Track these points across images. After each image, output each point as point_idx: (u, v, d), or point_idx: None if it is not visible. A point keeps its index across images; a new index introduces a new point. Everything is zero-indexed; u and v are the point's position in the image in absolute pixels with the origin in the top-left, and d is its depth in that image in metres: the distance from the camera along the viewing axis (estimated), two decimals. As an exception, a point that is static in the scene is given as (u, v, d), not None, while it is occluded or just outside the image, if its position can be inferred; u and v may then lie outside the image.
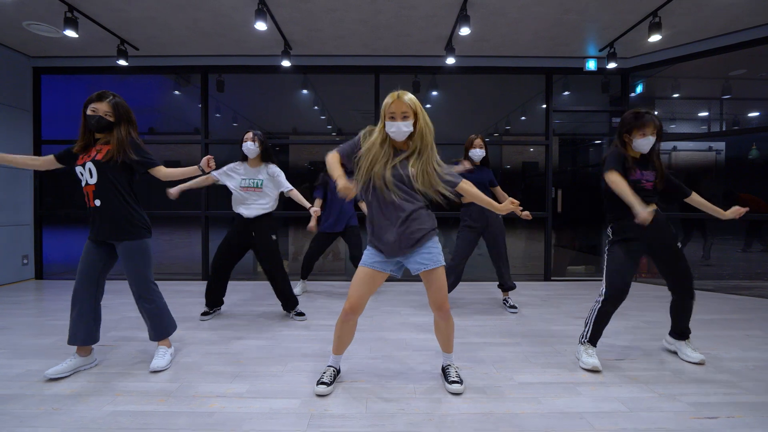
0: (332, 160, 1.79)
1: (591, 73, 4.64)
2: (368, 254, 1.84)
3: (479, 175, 3.19)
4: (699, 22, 3.69)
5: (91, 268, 2.05)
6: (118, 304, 3.41)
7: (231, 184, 2.91)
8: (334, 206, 3.65)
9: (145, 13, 3.54)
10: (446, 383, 1.91)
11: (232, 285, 3.79)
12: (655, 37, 3.50)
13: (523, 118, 5.46)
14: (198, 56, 4.56)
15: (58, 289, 4.13)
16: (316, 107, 5.40)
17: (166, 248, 5.23)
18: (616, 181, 2.02)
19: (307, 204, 2.98)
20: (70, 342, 2.04)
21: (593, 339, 2.17)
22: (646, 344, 2.52)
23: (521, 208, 1.90)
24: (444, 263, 1.82)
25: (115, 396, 1.82)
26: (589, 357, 2.12)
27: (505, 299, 3.40)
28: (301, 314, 3.06)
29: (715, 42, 4.06)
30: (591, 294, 3.92)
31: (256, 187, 2.90)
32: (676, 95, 5.29)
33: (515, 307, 3.31)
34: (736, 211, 2.16)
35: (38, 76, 4.68)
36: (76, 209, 4.81)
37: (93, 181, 2.00)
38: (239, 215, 2.91)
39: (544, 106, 4.76)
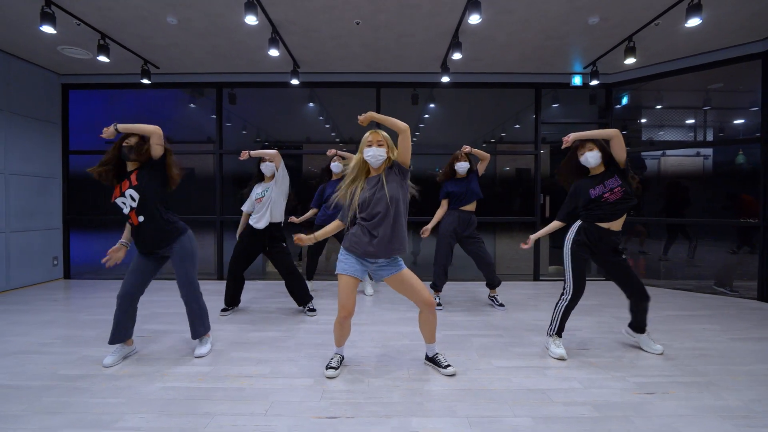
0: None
1: (577, 87, 5.00)
2: (348, 263, 2.13)
3: (467, 185, 3.57)
4: (670, 45, 4.05)
5: (141, 277, 2.42)
6: (147, 301, 3.81)
7: (248, 204, 3.37)
8: (327, 210, 3.95)
9: (170, 40, 3.94)
10: (441, 369, 2.27)
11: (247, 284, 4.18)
12: (630, 60, 3.85)
13: (517, 126, 5.82)
14: (213, 74, 4.95)
15: (86, 287, 4.54)
16: (321, 117, 5.79)
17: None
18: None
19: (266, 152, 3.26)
20: (113, 341, 2.38)
21: (560, 331, 2.54)
22: (612, 337, 2.89)
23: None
24: None
25: (163, 376, 2.21)
26: (557, 347, 2.50)
27: (492, 297, 3.77)
28: (313, 310, 3.45)
29: (692, 60, 4.39)
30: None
31: (261, 196, 3.30)
32: (659, 106, 5.64)
33: (503, 305, 3.67)
34: None
35: (66, 91, 5.09)
36: (99, 215, 5.22)
37: (134, 204, 2.31)
38: (251, 226, 3.31)
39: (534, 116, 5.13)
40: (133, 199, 2.32)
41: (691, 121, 5.90)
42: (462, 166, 3.57)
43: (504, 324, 3.20)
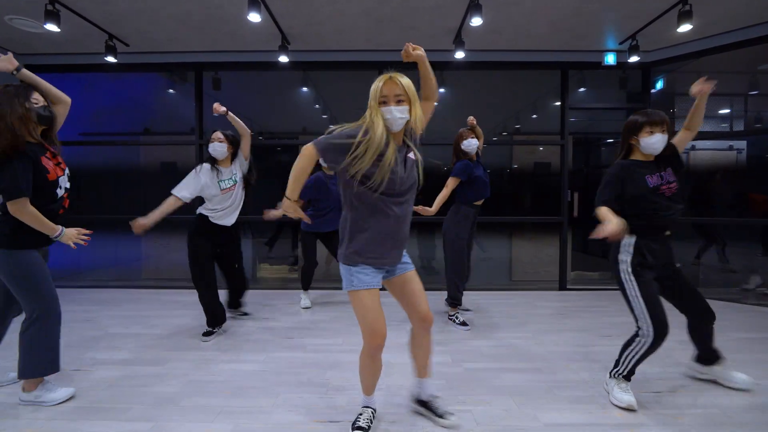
0: (305, 163, 1.45)
1: (609, 67, 4.34)
2: (368, 274, 1.50)
3: (481, 170, 2.94)
4: (731, 10, 3.38)
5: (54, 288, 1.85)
6: (101, 317, 3.19)
7: (211, 192, 2.65)
8: (322, 204, 3.39)
9: (132, 5, 3.30)
10: (436, 418, 1.68)
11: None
12: (684, 27, 3.19)
13: (534, 116, 5.17)
14: (191, 52, 4.32)
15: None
16: (317, 106, 5.15)
17: (162, 252, 5.03)
18: (599, 213, 1.77)
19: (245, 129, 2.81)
20: (54, 370, 1.86)
21: (629, 375, 1.89)
22: (684, 373, 2.23)
23: None
24: None
25: (78, 440, 1.58)
26: (623, 393, 1.85)
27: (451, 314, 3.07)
28: (246, 314, 3.24)
29: (745, 33, 3.75)
30: (611, 306, 3.61)
31: (234, 184, 2.74)
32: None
33: (465, 324, 2.96)
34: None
35: (27, 74, 4.47)
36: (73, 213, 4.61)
37: (68, 186, 1.93)
38: (210, 222, 2.69)
39: (558, 103, 4.47)
40: (68, 179, 1.93)
41: (726, 111, 5.28)
42: (471, 144, 2.89)
43: (536, 351, 2.54)
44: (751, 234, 4.51)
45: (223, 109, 2.75)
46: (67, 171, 1.91)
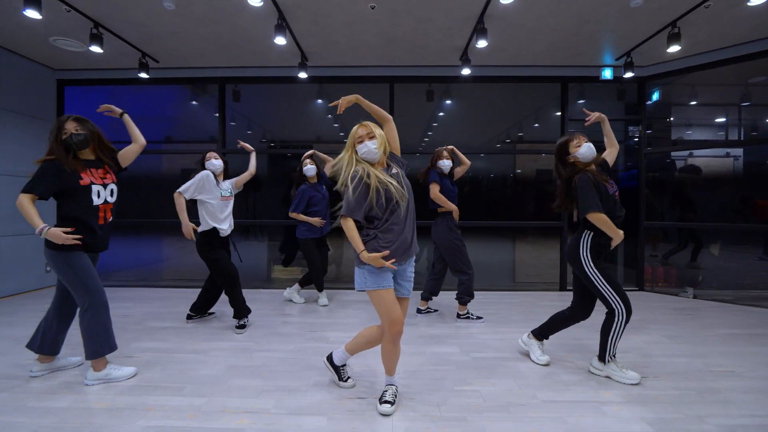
0: (351, 229, 1.78)
1: (607, 81, 4.62)
2: (379, 272, 1.78)
3: (448, 183, 3.28)
4: (718, 31, 3.66)
5: (100, 281, 2.17)
6: (137, 314, 3.49)
7: (208, 196, 2.97)
8: (314, 210, 3.69)
9: (168, 28, 3.63)
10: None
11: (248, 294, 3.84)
12: (674, 48, 3.47)
13: (536, 125, 5.44)
14: (216, 68, 4.64)
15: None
16: (330, 116, 5.45)
17: (182, 254, 5.34)
18: (602, 219, 2.09)
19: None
20: (111, 350, 2.16)
21: (615, 355, 2.18)
22: (670, 361, 2.50)
23: None
24: None
25: (147, 411, 1.86)
26: (628, 371, 2.17)
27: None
28: (211, 314, 3.39)
29: (735, 51, 4.01)
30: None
31: (231, 195, 3.13)
32: (693, 102, 5.23)
33: (480, 318, 3.35)
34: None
35: (62, 87, 4.81)
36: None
37: (113, 199, 2.23)
38: (217, 233, 3.01)
39: (559, 113, 4.75)
40: (111, 194, 2.22)
41: (722, 120, 5.50)
42: (445, 164, 3.25)
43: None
44: (752, 238, 4.73)
45: (251, 148, 3.41)
46: (111, 186, 2.20)
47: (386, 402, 1.86)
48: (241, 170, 3.36)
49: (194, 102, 5.32)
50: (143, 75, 4.18)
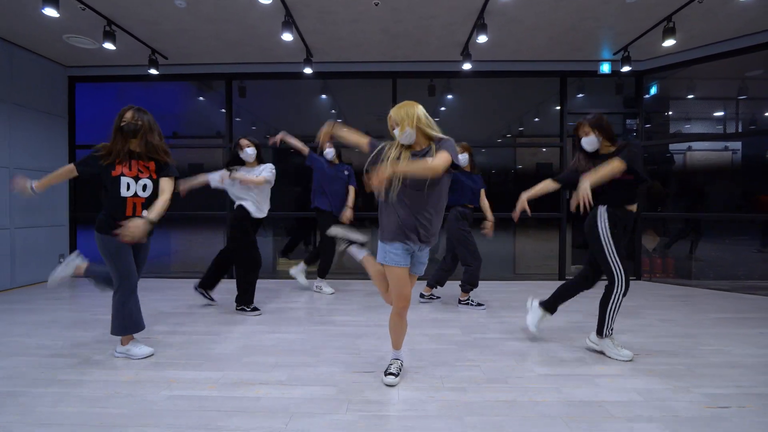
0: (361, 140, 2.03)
1: (605, 75, 4.71)
2: (397, 252, 1.88)
3: (471, 180, 3.39)
4: (713, 26, 3.75)
5: (133, 267, 2.30)
6: (153, 300, 3.62)
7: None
8: (337, 191, 3.82)
9: (178, 25, 3.74)
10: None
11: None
12: (668, 42, 3.57)
13: (536, 119, 5.54)
14: (222, 64, 4.76)
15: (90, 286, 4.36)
16: (333, 111, 5.57)
17: (189, 247, 5.47)
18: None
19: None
20: (136, 330, 2.32)
21: (612, 330, 2.31)
22: (663, 341, 2.62)
23: None
24: None
25: (170, 383, 2.00)
26: (621, 348, 2.30)
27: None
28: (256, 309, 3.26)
29: (730, 44, 4.10)
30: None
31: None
32: (690, 96, 5.32)
33: (481, 305, 3.46)
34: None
35: (73, 84, 4.94)
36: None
37: (145, 194, 2.26)
38: (251, 216, 3.16)
39: (558, 108, 4.85)
40: (144, 189, 2.26)
41: (720, 113, 5.59)
42: (461, 159, 3.33)
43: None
44: (750, 230, 4.84)
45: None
46: (144, 181, 2.25)
47: (390, 374, 1.99)
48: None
49: (201, 98, 5.44)
50: (153, 71, 4.30)
